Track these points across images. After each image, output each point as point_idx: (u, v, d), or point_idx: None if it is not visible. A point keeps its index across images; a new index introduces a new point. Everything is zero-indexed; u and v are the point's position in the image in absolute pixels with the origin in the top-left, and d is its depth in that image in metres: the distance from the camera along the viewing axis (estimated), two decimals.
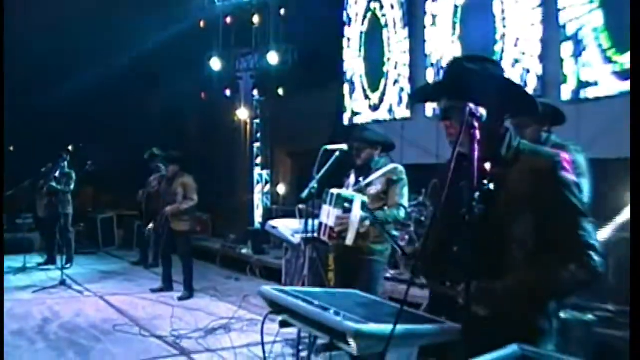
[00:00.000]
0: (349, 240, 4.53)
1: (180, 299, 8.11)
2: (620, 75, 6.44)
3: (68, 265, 10.01)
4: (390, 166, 4.87)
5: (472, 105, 2.02)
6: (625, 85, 6.36)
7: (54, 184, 10.22)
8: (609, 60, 6.59)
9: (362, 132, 5.06)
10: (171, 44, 12.35)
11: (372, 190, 4.78)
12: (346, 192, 4.73)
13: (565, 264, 2.02)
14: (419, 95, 2.61)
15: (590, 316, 4.78)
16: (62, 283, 8.67)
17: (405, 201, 4.81)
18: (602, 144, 6.13)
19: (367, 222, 4.58)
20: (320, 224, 4.78)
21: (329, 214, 4.64)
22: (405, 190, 4.81)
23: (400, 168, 4.87)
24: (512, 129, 2.28)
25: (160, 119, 14.10)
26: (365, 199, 4.63)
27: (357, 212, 4.53)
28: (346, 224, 4.51)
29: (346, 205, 4.52)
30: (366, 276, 4.68)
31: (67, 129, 12.80)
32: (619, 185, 5.71)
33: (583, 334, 4.34)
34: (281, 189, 13.16)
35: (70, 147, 11.51)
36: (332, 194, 4.65)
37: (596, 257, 2.04)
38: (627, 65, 6.34)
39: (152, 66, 12.84)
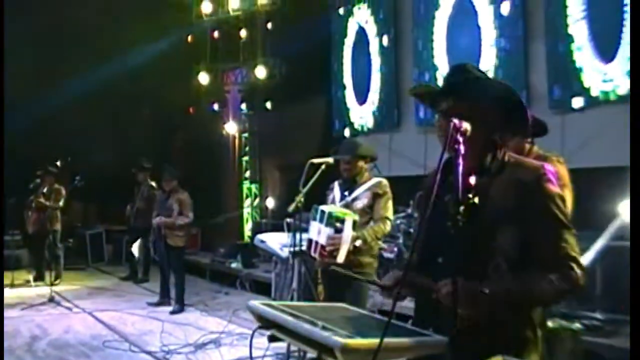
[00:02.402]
0: (340, 259, 4.52)
1: (172, 312, 8.11)
2: (606, 85, 6.51)
3: (57, 282, 9.95)
4: (375, 180, 4.89)
5: (456, 121, 2.03)
6: (610, 96, 6.44)
7: (42, 200, 10.19)
8: (594, 70, 6.66)
9: (355, 147, 4.97)
10: (159, 58, 12.37)
11: (359, 204, 4.79)
12: (336, 209, 4.68)
13: (546, 275, 2.04)
14: (417, 92, 2.59)
15: (577, 324, 4.81)
16: (51, 299, 8.62)
17: (390, 214, 4.85)
18: (587, 154, 6.20)
19: (359, 242, 4.60)
20: (310, 240, 4.76)
21: (319, 232, 4.61)
22: (390, 204, 4.85)
23: (385, 182, 4.90)
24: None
25: (148, 133, 14.09)
26: (357, 217, 4.62)
27: (349, 232, 4.52)
28: (338, 244, 4.50)
29: (338, 225, 4.50)
30: (354, 289, 4.68)
31: (55, 144, 12.76)
32: (606, 194, 5.77)
33: (570, 342, 4.36)
34: (270, 202, 13.14)
35: (58, 163, 11.48)
36: (323, 212, 4.63)
37: (577, 269, 2.06)
38: (611, 75, 6.41)
39: (140, 80, 12.83)
